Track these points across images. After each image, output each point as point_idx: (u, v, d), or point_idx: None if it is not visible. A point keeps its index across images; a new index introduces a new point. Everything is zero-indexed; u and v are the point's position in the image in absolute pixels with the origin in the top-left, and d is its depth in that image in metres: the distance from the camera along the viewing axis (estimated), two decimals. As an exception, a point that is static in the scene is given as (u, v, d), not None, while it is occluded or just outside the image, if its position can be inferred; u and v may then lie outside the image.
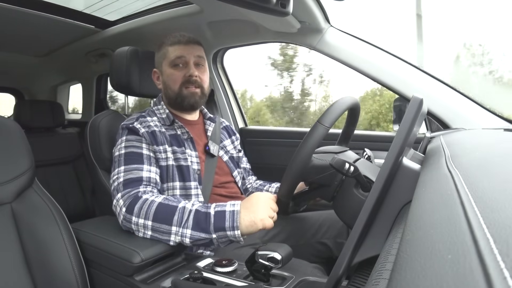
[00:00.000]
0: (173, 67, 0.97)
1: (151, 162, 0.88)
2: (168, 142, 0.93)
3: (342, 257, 0.39)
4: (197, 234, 0.74)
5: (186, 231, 0.74)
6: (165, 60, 0.98)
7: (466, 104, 1.03)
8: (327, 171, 0.73)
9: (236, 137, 1.18)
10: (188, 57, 0.96)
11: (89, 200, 2.00)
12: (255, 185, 1.14)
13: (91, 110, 2.18)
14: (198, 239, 0.74)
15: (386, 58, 1.12)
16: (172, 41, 0.97)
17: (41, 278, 0.72)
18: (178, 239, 0.75)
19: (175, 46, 0.97)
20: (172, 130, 0.97)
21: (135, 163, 0.86)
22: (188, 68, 0.96)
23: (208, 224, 0.74)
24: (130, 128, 0.92)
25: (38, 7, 1.39)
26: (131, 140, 0.90)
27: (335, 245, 0.95)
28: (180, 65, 0.97)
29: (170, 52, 0.97)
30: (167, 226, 0.75)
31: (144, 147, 0.89)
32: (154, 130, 0.92)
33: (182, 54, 0.96)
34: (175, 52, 0.96)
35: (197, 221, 0.74)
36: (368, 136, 1.28)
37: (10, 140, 0.81)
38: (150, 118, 0.96)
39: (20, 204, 0.77)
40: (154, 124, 0.94)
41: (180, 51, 0.96)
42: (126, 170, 0.85)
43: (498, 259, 0.13)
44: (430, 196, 0.29)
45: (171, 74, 0.97)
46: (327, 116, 0.70)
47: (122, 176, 0.84)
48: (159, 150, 0.90)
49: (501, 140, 0.59)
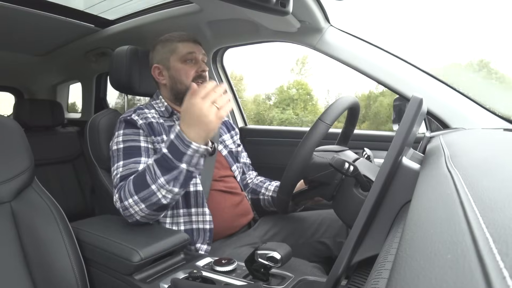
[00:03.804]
0: (184, 62, 0.98)
1: (149, 154, 0.90)
2: (166, 133, 0.94)
3: (342, 256, 0.39)
4: (170, 176, 0.75)
5: (162, 180, 0.76)
6: (173, 56, 0.99)
7: (466, 103, 1.03)
8: (327, 169, 0.73)
9: (235, 132, 1.18)
10: (198, 54, 0.99)
11: (89, 199, 2.00)
12: (255, 181, 1.15)
13: (90, 109, 2.18)
14: (176, 179, 0.76)
15: (386, 57, 1.12)
16: (182, 38, 1.00)
17: (41, 277, 0.72)
18: (164, 192, 0.76)
19: (185, 43, 0.99)
20: (171, 121, 0.99)
21: (133, 156, 0.88)
22: (199, 64, 0.99)
23: (170, 161, 0.75)
24: (128, 121, 0.93)
25: (38, 6, 1.38)
26: (128, 134, 0.92)
27: (334, 244, 0.96)
28: (190, 61, 0.99)
29: (180, 48, 0.98)
30: (148, 189, 0.77)
31: (142, 140, 0.91)
32: (152, 122, 0.94)
33: (193, 50, 0.99)
34: (186, 48, 0.98)
35: (161, 167, 0.76)
36: (367, 136, 1.28)
37: (9, 139, 0.81)
38: (148, 110, 0.98)
39: (19, 203, 0.77)
40: (152, 116, 0.96)
41: (190, 48, 0.99)
42: (124, 165, 0.87)
43: (498, 259, 0.13)
44: (429, 196, 0.29)
45: (182, 69, 0.98)
46: (328, 113, 0.70)
47: (120, 172, 0.87)
48: (157, 140, 0.92)
49: (500, 140, 0.59)
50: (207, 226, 0.91)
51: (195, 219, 0.91)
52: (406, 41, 7.61)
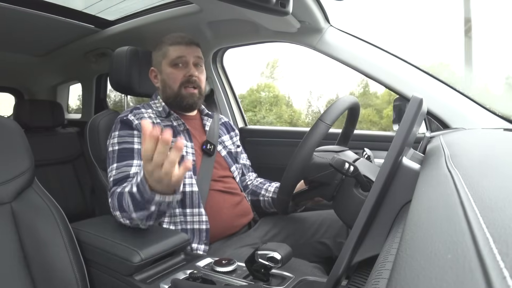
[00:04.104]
0: (173, 67, 0.98)
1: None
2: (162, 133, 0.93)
3: (342, 256, 0.39)
4: (141, 214, 0.72)
5: (134, 216, 0.73)
6: (165, 59, 0.99)
7: (466, 103, 1.03)
8: (327, 169, 0.73)
9: (235, 133, 1.18)
10: (188, 57, 0.98)
11: (89, 199, 2.00)
12: (255, 182, 1.14)
13: (90, 110, 2.18)
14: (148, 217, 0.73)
15: (386, 58, 1.12)
16: (173, 41, 0.99)
17: (41, 277, 0.72)
18: (140, 222, 0.75)
19: (176, 46, 0.98)
20: (168, 122, 0.99)
21: (126, 159, 0.88)
22: (188, 68, 0.98)
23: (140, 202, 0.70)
24: (124, 121, 0.93)
25: (38, 7, 1.38)
26: (123, 135, 0.92)
27: (334, 244, 0.95)
28: (180, 65, 0.98)
29: (170, 52, 0.98)
30: (127, 213, 0.75)
31: (136, 141, 0.91)
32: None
33: (182, 54, 0.98)
34: (175, 52, 0.98)
35: (134, 203, 0.72)
36: (367, 136, 1.28)
37: (9, 140, 0.81)
38: (145, 110, 0.99)
39: (19, 203, 0.77)
40: (148, 116, 0.96)
41: (180, 51, 0.98)
42: (117, 168, 0.88)
43: (498, 259, 0.13)
44: (429, 196, 0.29)
45: (171, 73, 0.98)
46: (328, 114, 0.70)
47: (113, 175, 0.87)
48: None
49: (500, 139, 0.59)
50: (203, 227, 0.90)
51: (190, 220, 0.91)
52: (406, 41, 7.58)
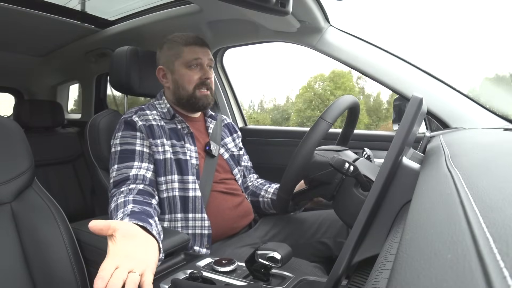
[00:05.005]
0: (188, 68, 0.97)
1: (144, 158, 0.90)
2: (167, 136, 0.94)
3: (342, 256, 0.39)
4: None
5: None
6: (178, 60, 0.98)
7: (466, 103, 1.03)
8: (328, 167, 0.73)
9: (237, 135, 1.18)
10: (203, 59, 0.98)
11: (89, 199, 2.00)
12: (256, 183, 1.14)
13: (90, 110, 2.18)
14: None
15: (386, 57, 1.12)
16: (187, 41, 0.98)
17: (41, 278, 0.72)
18: None
19: (191, 47, 0.97)
20: (172, 124, 0.98)
21: (127, 161, 0.89)
22: (204, 70, 0.98)
23: None
24: (128, 122, 0.93)
25: (38, 7, 1.38)
26: (125, 136, 0.92)
27: (334, 244, 0.95)
28: (194, 66, 0.98)
29: (185, 53, 0.97)
30: None
31: (138, 143, 0.91)
32: (152, 124, 0.94)
33: (198, 56, 0.97)
34: (191, 53, 0.97)
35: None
36: (367, 136, 1.28)
37: (9, 140, 0.81)
38: (150, 111, 0.98)
39: (19, 204, 0.77)
40: (153, 118, 0.96)
41: (196, 53, 0.97)
42: (117, 169, 0.88)
43: (498, 259, 0.13)
44: (429, 196, 0.29)
45: (186, 74, 0.97)
46: (329, 112, 0.70)
47: (113, 176, 0.88)
48: (155, 143, 0.91)
49: (500, 139, 0.59)
50: (205, 231, 0.90)
51: (192, 224, 0.90)
52: (406, 41, 7.55)
